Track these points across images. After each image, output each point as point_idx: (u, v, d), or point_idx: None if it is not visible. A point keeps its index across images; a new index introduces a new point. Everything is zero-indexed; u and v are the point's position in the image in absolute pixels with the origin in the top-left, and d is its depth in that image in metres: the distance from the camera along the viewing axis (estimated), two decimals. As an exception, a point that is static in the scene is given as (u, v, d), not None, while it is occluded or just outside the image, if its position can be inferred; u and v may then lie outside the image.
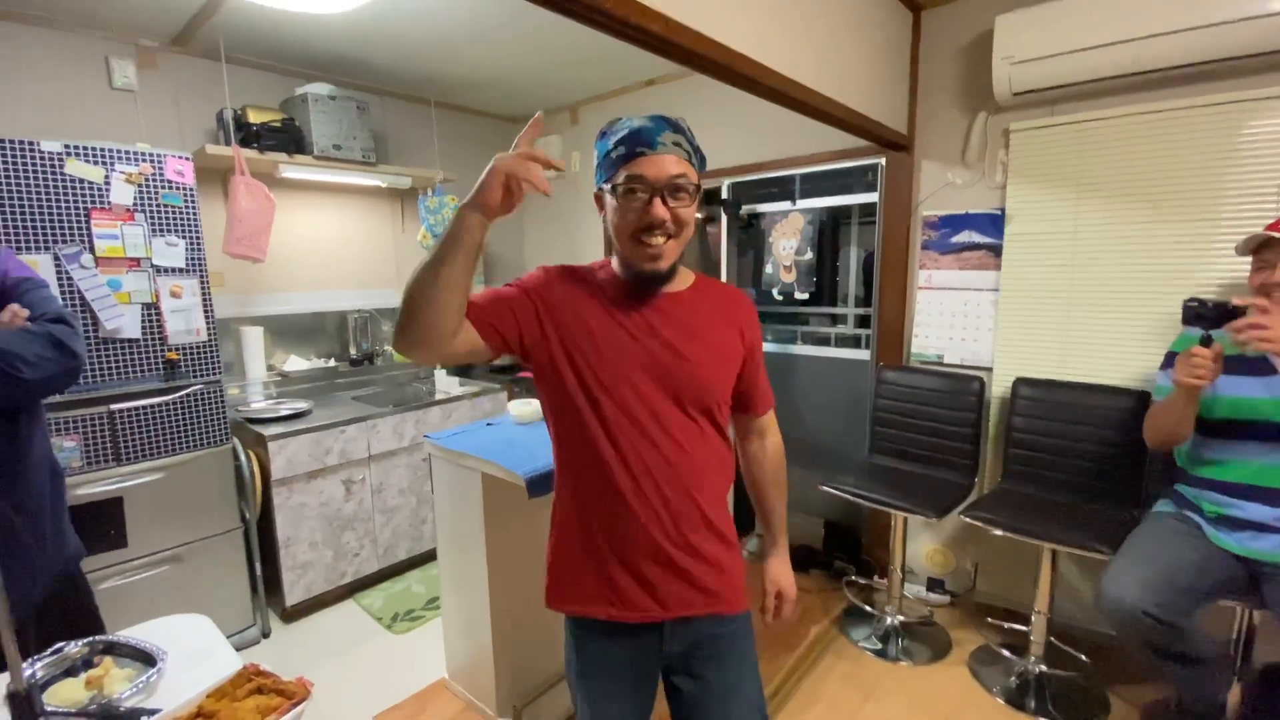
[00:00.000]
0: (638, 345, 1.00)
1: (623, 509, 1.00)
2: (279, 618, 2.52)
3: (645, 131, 0.95)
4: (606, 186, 0.98)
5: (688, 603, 1.03)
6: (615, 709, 1.07)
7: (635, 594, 1.01)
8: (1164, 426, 1.66)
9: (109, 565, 2.03)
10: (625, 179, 0.94)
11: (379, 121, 3.19)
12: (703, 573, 1.03)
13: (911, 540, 2.56)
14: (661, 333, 1.01)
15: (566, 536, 1.06)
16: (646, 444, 0.99)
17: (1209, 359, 1.48)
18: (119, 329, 2.01)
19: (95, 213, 1.97)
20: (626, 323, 1.01)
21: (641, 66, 2.99)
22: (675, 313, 1.03)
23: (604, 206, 1.02)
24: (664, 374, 1.00)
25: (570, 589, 1.06)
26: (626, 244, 0.98)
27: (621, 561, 1.01)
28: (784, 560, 1.20)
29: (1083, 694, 1.96)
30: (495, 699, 1.86)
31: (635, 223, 0.95)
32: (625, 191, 0.94)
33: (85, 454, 1.99)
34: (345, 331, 3.16)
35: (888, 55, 2.21)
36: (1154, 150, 1.97)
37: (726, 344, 1.08)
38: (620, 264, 1.04)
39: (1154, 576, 1.51)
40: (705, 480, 1.04)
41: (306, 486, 2.47)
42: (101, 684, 1.02)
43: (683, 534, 1.01)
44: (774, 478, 1.22)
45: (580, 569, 1.04)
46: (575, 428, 1.01)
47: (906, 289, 2.54)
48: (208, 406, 2.22)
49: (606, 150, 0.98)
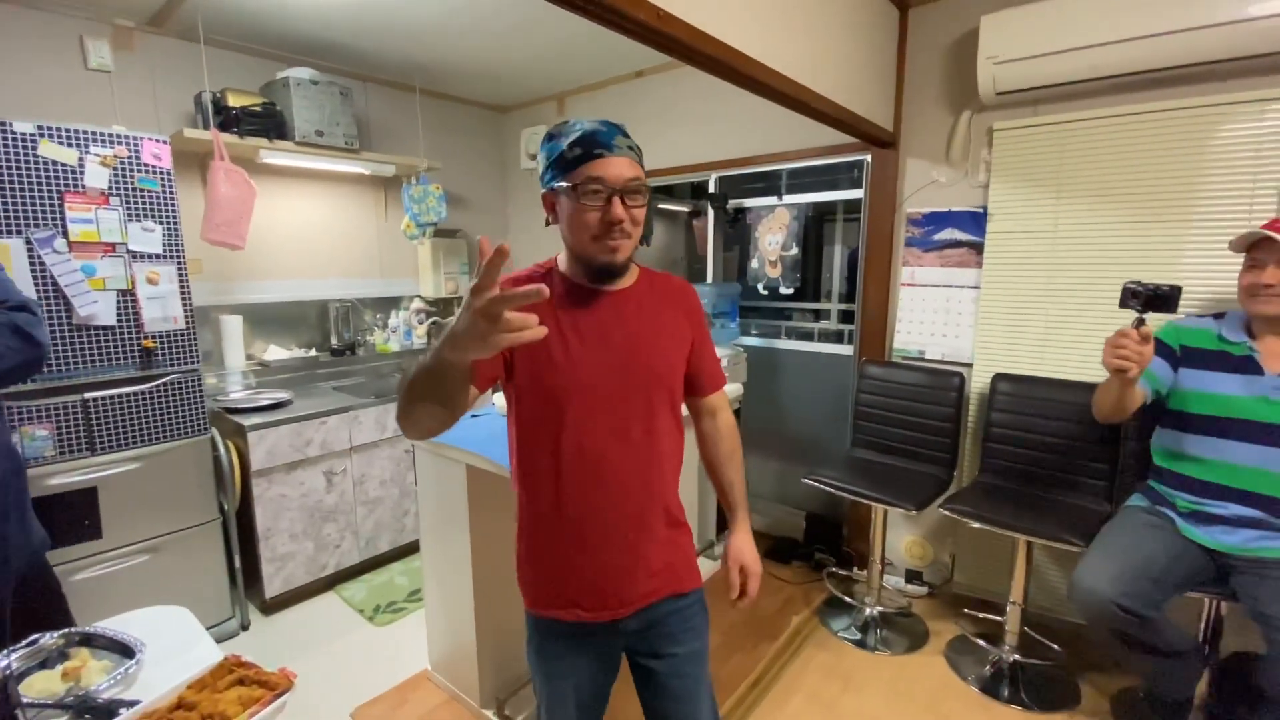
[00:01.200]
0: (594, 347, 1.02)
1: (587, 511, 1.03)
2: (259, 610, 2.49)
3: (600, 135, 0.96)
4: (563, 185, 0.97)
5: (648, 593, 1.08)
6: (572, 691, 1.12)
7: (597, 595, 1.05)
8: (1103, 406, 1.67)
9: (84, 556, 1.99)
10: (586, 179, 0.95)
11: (362, 108, 3.14)
12: (658, 557, 1.08)
13: (891, 532, 2.60)
14: (615, 332, 1.04)
15: (531, 540, 1.09)
16: (610, 444, 1.02)
17: (1135, 340, 1.43)
18: (93, 315, 1.97)
19: (69, 196, 1.92)
20: (581, 326, 1.02)
21: (630, 58, 2.98)
22: (626, 310, 1.06)
23: (554, 207, 1.02)
24: (621, 372, 1.03)
25: (535, 591, 1.09)
26: (583, 243, 0.99)
27: (586, 563, 1.04)
28: (747, 536, 1.21)
29: (1055, 682, 2.02)
30: (479, 690, 1.86)
31: (596, 222, 0.96)
32: (587, 192, 0.95)
33: (58, 443, 1.95)
34: (327, 321, 3.12)
35: (875, 52, 2.22)
36: (1133, 152, 2.01)
37: (676, 333, 1.12)
38: (573, 261, 1.05)
39: (1125, 569, 1.55)
40: (664, 470, 1.09)
41: (287, 478, 2.44)
42: (79, 675, 1.00)
43: (644, 525, 1.06)
44: (729, 454, 1.24)
45: (543, 573, 1.08)
46: (538, 436, 1.03)
47: (890, 285, 2.57)
48: (185, 396, 2.19)
49: (559, 151, 0.98)
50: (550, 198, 1.02)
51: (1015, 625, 2.05)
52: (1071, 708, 1.92)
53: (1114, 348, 1.46)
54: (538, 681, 1.15)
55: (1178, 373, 1.68)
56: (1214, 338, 1.67)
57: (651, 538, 1.07)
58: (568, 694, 1.12)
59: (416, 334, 3.42)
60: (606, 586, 1.05)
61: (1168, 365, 1.69)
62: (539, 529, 1.07)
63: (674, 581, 1.11)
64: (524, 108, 3.76)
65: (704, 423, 1.24)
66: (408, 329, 3.39)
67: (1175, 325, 1.74)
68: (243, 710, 0.85)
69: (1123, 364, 1.44)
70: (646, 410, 1.05)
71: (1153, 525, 1.67)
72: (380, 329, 3.33)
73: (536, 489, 1.06)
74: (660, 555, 1.08)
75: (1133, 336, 1.43)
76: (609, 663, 1.14)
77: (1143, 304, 1.44)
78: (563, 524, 1.04)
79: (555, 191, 1.00)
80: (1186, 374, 1.67)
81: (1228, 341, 1.64)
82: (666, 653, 1.12)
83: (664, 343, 1.08)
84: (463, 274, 3.53)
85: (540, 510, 1.06)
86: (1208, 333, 1.69)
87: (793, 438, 3.02)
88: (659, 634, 1.11)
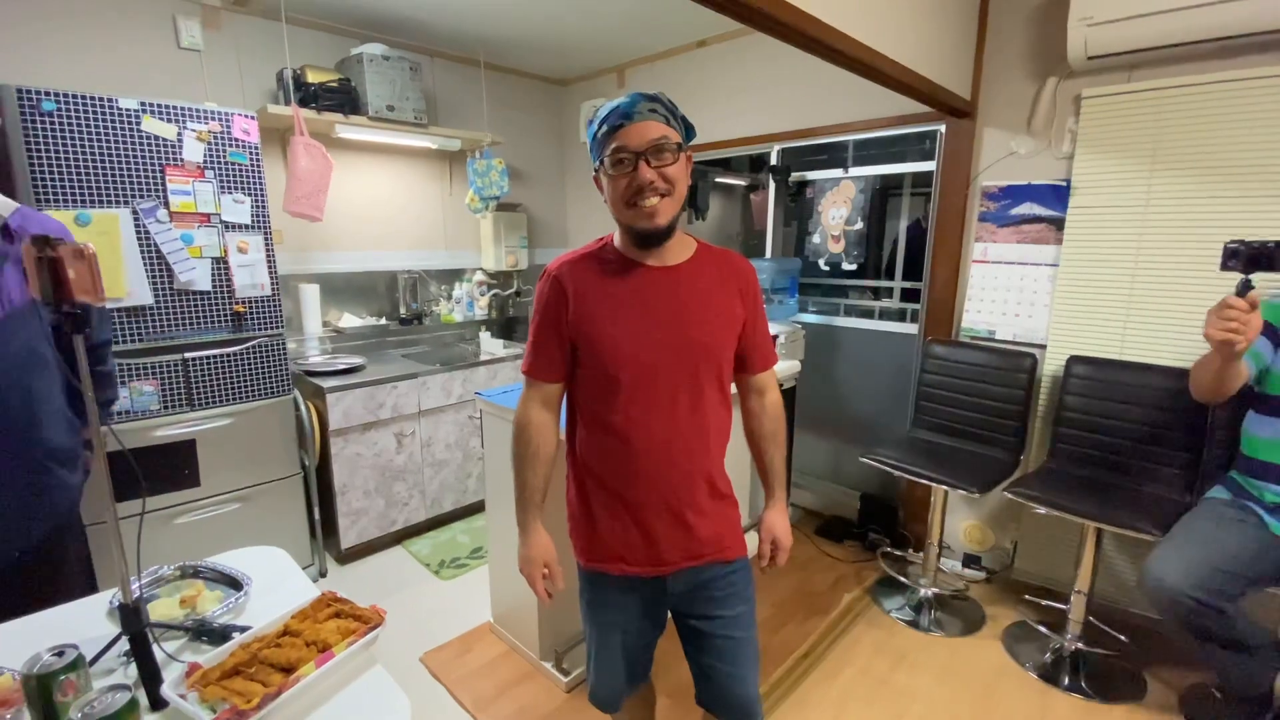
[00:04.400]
0: (644, 321, 1.07)
1: (635, 475, 1.10)
2: (334, 560, 2.67)
3: (623, 105, 1.02)
4: (599, 164, 1.06)
5: (692, 555, 1.14)
6: (619, 639, 1.22)
7: (644, 551, 1.13)
8: (1203, 384, 1.55)
9: (185, 503, 2.19)
10: (611, 151, 1.01)
11: (429, 83, 3.21)
12: (703, 526, 1.14)
13: (950, 515, 2.55)
14: (665, 307, 1.08)
15: (582, 497, 1.18)
16: (657, 415, 1.08)
17: (1244, 310, 1.29)
18: (192, 281, 2.12)
19: (169, 169, 2.06)
20: (633, 300, 1.08)
21: (692, 27, 2.93)
22: (679, 286, 1.10)
23: (602, 186, 1.08)
24: (669, 347, 1.07)
25: (585, 545, 1.18)
26: (623, 211, 1.05)
27: (634, 521, 1.12)
28: (782, 513, 1.26)
29: (1119, 673, 1.96)
30: (538, 643, 1.95)
31: (626, 188, 1.02)
32: (615, 162, 1.01)
33: (162, 398, 2.12)
34: (395, 291, 3.25)
35: (954, 15, 2.12)
36: (1237, 121, 1.86)
37: (728, 310, 1.14)
38: (622, 233, 1.11)
39: (1200, 559, 1.49)
40: (710, 444, 1.14)
41: (361, 438, 2.59)
42: (195, 603, 1.12)
43: (690, 494, 1.12)
44: (773, 433, 1.26)
45: (593, 528, 1.16)
46: (593, 402, 1.12)
47: (960, 262, 2.48)
48: (271, 358, 2.34)
49: (594, 133, 1.05)
50: (596, 179, 1.09)
51: (1080, 614, 1.99)
52: (1137, 700, 1.87)
53: (1220, 319, 1.33)
54: (588, 629, 1.25)
55: (1277, 353, 1.57)
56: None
57: (695, 507, 1.13)
58: (615, 642, 1.21)
59: (478, 305, 3.52)
60: (651, 546, 1.13)
61: (1269, 343, 1.58)
62: (588, 491, 1.16)
63: (718, 549, 1.16)
64: (584, 80, 3.76)
65: (751, 400, 1.26)
66: (470, 300, 3.50)
67: (1272, 302, 1.62)
68: (341, 639, 0.93)
69: (1230, 336, 1.31)
70: (693, 384, 1.09)
71: (1234, 518, 1.58)
72: (445, 300, 3.45)
73: (588, 454, 1.15)
74: (705, 525, 1.14)
75: (1240, 305, 1.30)
76: (655, 618, 1.22)
77: (1245, 264, 1.31)
78: (610, 489, 1.13)
79: (597, 172, 1.08)
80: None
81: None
82: (713, 614, 1.17)
83: (713, 320, 1.11)
84: (522, 247, 3.61)
85: (591, 474, 1.15)
86: None
87: (850, 417, 2.98)
88: (704, 597, 1.17)
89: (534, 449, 1.15)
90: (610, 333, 1.07)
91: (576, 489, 1.19)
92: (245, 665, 0.89)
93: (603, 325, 1.07)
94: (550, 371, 1.14)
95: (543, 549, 1.17)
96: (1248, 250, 1.30)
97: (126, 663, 0.94)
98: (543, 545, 1.17)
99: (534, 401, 1.16)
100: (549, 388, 1.16)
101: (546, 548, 1.17)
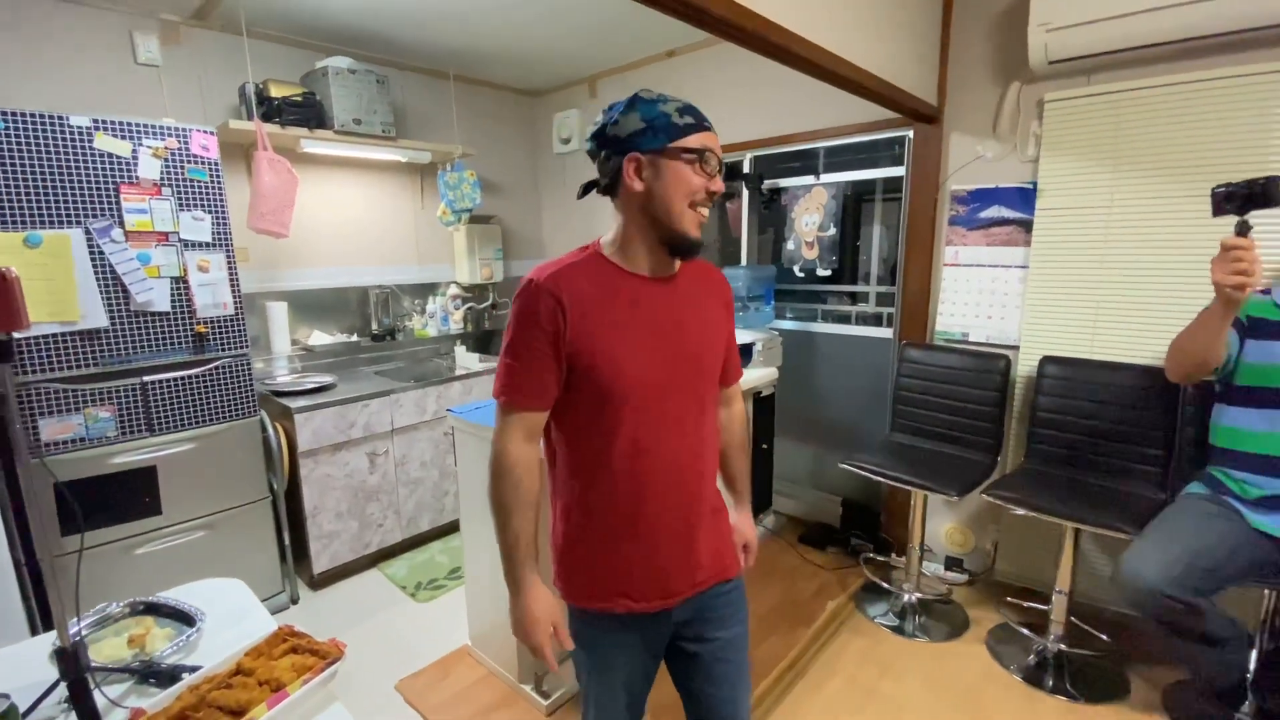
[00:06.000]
0: (648, 338, 1.00)
1: (643, 503, 1.01)
2: (307, 585, 2.59)
3: (699, 110, 0.99)
4: (673, 148, 0.95)
5: (698, 582, 1.08)
6: (622, 683, 1.10)
7: (651, 584, 1.04)
8: (1194, 349, 1.49)
9: (147, 532, 2.10)
10: (703, 147, 0.96)
11: (398, 96, 3.18)
12: (706, 545, 1.08)
13: (931, 519, 2.55)
14: (667, 322, 1.02)
15: (578, 533, 1.05)
16: (665, 436, 1.01)
17: (1249, 248, 1.24)
18: (150, 302, 2.05)
19: (124, 187, 1.99)
20: (637, 315, 1.00)
21: (662, 38, 2.93)
22: (674, 299, 1.05)
23: (639, 172, 0.96)
24: (674, 364, 1.02)
25: (585, 585, 1.06)
26: (680, 209, 0.96)
27: (639, 554, 1.03)
28: (748, 515, 1.27)
29: (1103, 673, 1.96)
30: (517, 666, 1.90)
31: (701, 189, 0.97)
32: (705, 159, 0.96)
33: (120, 424, 2.04)
34: (367, 307, 3.19)
35: (919, 22, 2.14)
36: (1196, 122, 1.90)
37: (718, 322, 1.12)
38: (636, 241, 1.01)
39: (1176, 556, 1.49)
40: (709, 458, 1.10)
41: (332, 458, 2.52)
42: (143, 642, 1.06)
43: (695, 514, 1.06)
44: (740, 442, 1.27)
45: (595, 565, 1.05)
46: (589, 428, 1.00)
47: (932, 266, 2.49)
48: (235, 379, 2.27)
49: (667, 116, 0.95)
50: (638, 161, 0.96)
51: (1061, 615, 1.99)
52: (1120, 699, 1.87)
53: (1229, 261, 1.27)
54: (584, 677, 1.13)
55: (1244, 345, 1.59)
56: (1274, 307, 1.58)
57: (700, 526, 1.07)
58: (617, 686, 1.10)
59: (453, 319, 3.47)
60: (659, 577, 1.04)
61: (1236, 333, 1.59)
62: (591, 521, 1.04)
63: (720, 569, 1.11)
64: (555, 92, 3.75)
65: (721, 411, 1.23)
66: (444, 314, 3.45)
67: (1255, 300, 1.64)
68: (297, 677, 0.88)
69: (1241, 279, 1.27)
70: (697, 401, 1.05)
71: (1213, 514, 1.59)
72: (418, 314, 3.40)
73: (589, 482, 1.02)
74: (707, 543, 1.08)
75: (1245, 244, 1.26)
76: (656, 651, 1.12)
77: (1240, 205, 1.28)
78: (617, 516, 1.02)
79: (655, 153, 0.95)
80: (1254, 347, 1.58)
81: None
82: (711, 636, 1.11)
83: (710, 334, 1.08)
84: (497, 259, 3.56)
85: (593, 502, 1.03)
86: (1267, 304, 1.60)
87: (829, 423, 2.98)
88: (705, 619, 1.11)
89: (523, 492, 0.99)
90: (617, 352, 0.97)
91: (564, 524, 1.07)
92: (193, 709, 0.84)
93: (607, 343, 0.96)
94: (539, 398, 0.98)
95: (547, 607, 1.01)
96: (1241, 191, 1.28)
97: (67, 710, 0.89)
98: (546, 602, 1.02)
99: (517, 434, 0.99)
100: (534, 417, 1.00)
101: (551, 605, 1.02)
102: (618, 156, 0.97)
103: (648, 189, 0.96)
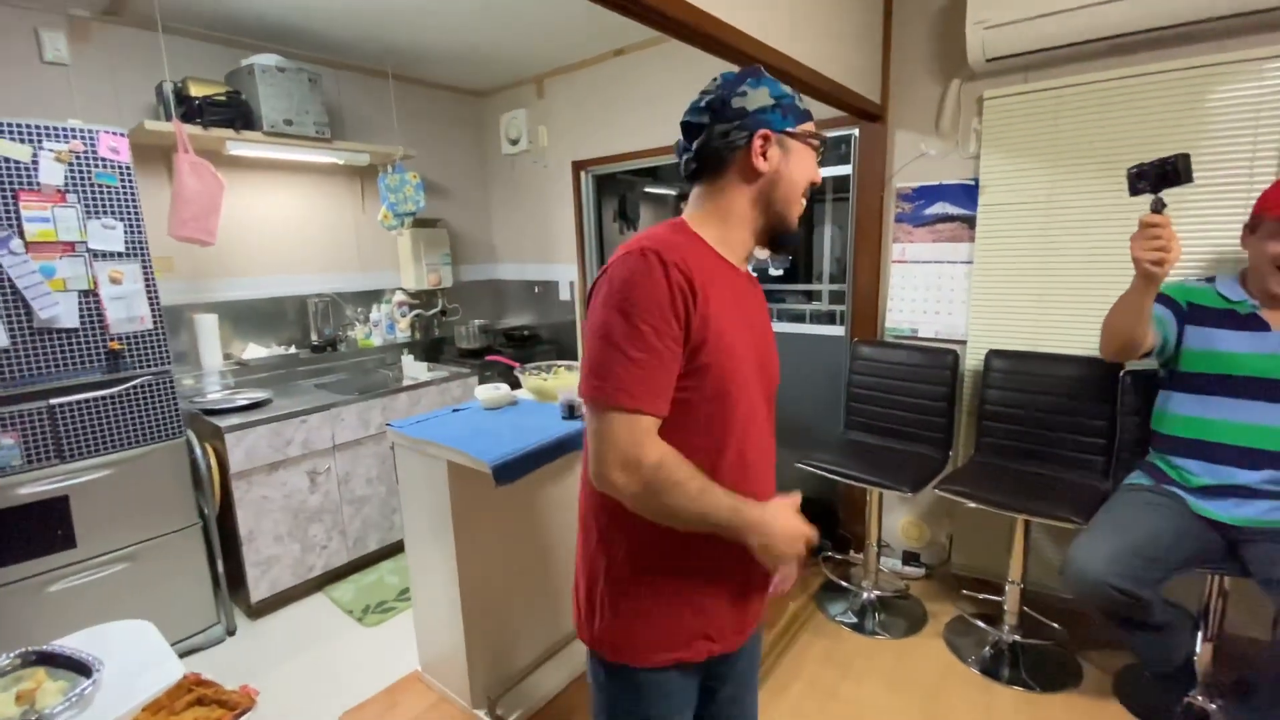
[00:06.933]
0: (750, 335, 0.91)
1: None
2: (245, 615, 2.44)
3: None
4: (802, 131, 0.91)
5: (760, 611, 1.00)
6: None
7: (735, 619, 0.94)
8: (1120, 325, 1.51)
9: (59, 567, 1.93)
10: (821, 137, 0.94)
11: (334, 95, 3.04)
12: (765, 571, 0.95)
13: (887, 514, 2.56)
14: (758, 320, 0.97)
15: (652, 577, 0.90)
16: (762, 447, 0.94)
17: (1165, 225, 1.29)
18: (55, 318, 1.89)
19: (23, 194, 1.83)
20: (740, 307, 0.91)
21: (609, 36, 2.88)
22: (753, 294, 0.99)
23: (766, 152, 0.88)
24: (763, 367, 0.96)
25: (655, 638, 0.90)
26: (798, 197, 0.94)
27: (733, 585, 0.93)
28: None
29: (1056, 662, 1.99)
30: (469, 690, 1.82)
31: (812, 178, 0.94)
32: (814, 148, 0.94)
33: (26, 452, 1.88)
34: (306, 317, 3.04)
35: (861, 20, 2.14)
36: (1128, 117, 1.95)
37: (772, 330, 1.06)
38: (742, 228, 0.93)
39: (1122, 548, 1.50)
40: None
41: (268, 479, 2.38)
42: (33, 698, 0.95)
43: None
44: None
45: (671, 611, 0.90)
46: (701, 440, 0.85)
47: (881, 263, 2.51)
48: (157, 398, 2.11)
49: (792, 98, 0.91)
50: (767, 138, 0.88)
51: (1015, 605, 2.02)
52: (1074, 686, 1.89)
53: (1147, 238, 1.31)
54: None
55: (1184, 332, 1.63)
56: (1215, 295, 1.63)
57: None
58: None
59: (399, 327, 3.34)
60: (741, 612, 0.95)
61: (1174, 318, 1.63)
62: (685, 558, 0.89)
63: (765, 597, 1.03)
64: (502, 91, 3.66)
65: None
66: (390, 322, 3.32)
67: (1183, 284, 1.69)
68: (198, 734, 0.80)
69: (1158, 255, 1.30)
70: (770, 405, 0.99)
71: (1156, 504, 1.61)
72: (362, 323, 3.26)
73: None
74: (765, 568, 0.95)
75: (1161, 221, 1.30)
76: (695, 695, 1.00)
77: (1153, 183, 1.32)
78: (721, 547, 0.87)
79: (786, 134, 0.90)
80: (1194, 333, 1.62)
81: (1229, 300, 1.59)
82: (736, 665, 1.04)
83: (773, 340, 1.02)
84: (445, 264, 3.45)
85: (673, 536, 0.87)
86: (1208, 291, 1.64)
87: (785, 422, 2.94)
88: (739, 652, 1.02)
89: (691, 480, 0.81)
90: (736, 350, 0.86)
91: (630, 568, 0.89)
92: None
93: (728, 339, 0.84)
94: (665, 398, 0.81)
95: (787, 505, 0.89)
96: (1153, 170, 1.31)
97: (-72, 787, 0.78)
98: (781, 503, 0.89)
99: (651, 436, 0.81)
100: (656, 424, 0.82)
101: (784, 502, 0.90)
102: (739, 131, 0.88)
103: (775, 170, 0.89)
